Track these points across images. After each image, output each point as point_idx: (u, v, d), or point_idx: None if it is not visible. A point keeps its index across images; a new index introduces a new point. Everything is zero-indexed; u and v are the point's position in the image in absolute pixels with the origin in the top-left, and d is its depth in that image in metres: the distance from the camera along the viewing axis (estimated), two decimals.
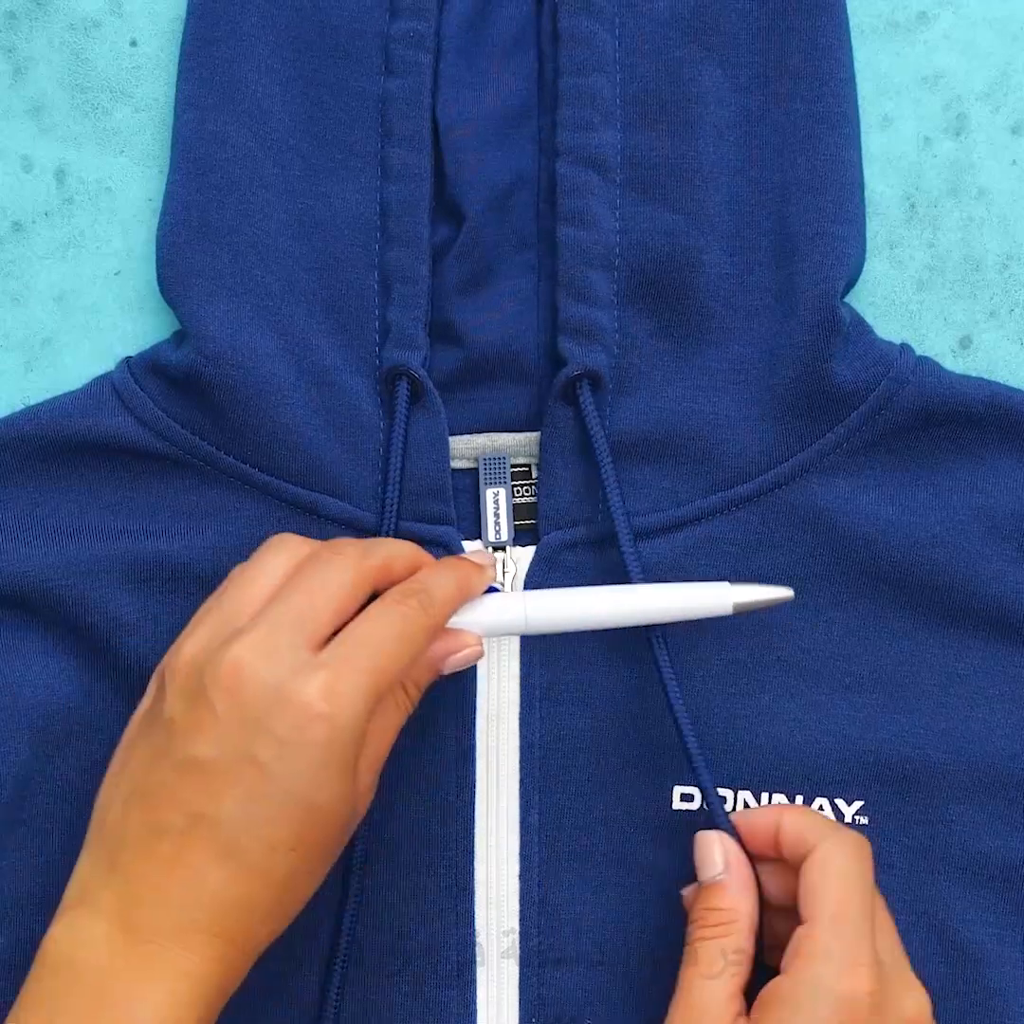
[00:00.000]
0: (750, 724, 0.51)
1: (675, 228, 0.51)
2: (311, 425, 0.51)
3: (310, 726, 0.40)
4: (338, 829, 0.43)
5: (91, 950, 0.41)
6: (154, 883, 0.41)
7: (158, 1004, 0.40)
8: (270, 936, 0.43)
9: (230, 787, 0.41)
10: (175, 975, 0.41)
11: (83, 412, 0.52)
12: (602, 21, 0.52)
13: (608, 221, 0.51)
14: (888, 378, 0.51)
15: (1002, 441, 0.51)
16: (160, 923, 0.41)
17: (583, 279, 0.51)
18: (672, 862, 0.50)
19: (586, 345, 0.51)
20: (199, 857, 0.41)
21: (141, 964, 0.41)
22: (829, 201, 0.51)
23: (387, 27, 0.53)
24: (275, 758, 0.40)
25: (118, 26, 0.56)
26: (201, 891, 0.41)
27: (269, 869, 0.41)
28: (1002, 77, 0.56)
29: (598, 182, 0.51)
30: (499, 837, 0.51)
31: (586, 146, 0.51)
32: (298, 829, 0.41)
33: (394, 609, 0.43)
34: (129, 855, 0.42)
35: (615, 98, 0.52)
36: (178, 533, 0.52)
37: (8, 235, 0.56)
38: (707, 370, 0.52)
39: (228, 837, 0.41)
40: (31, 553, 0.51)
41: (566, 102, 0.52)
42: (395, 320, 0.51)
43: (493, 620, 0.48)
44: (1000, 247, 0.55)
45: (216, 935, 0.41)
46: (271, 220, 0.51)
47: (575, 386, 0.51)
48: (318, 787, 0.41)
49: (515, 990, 0.50)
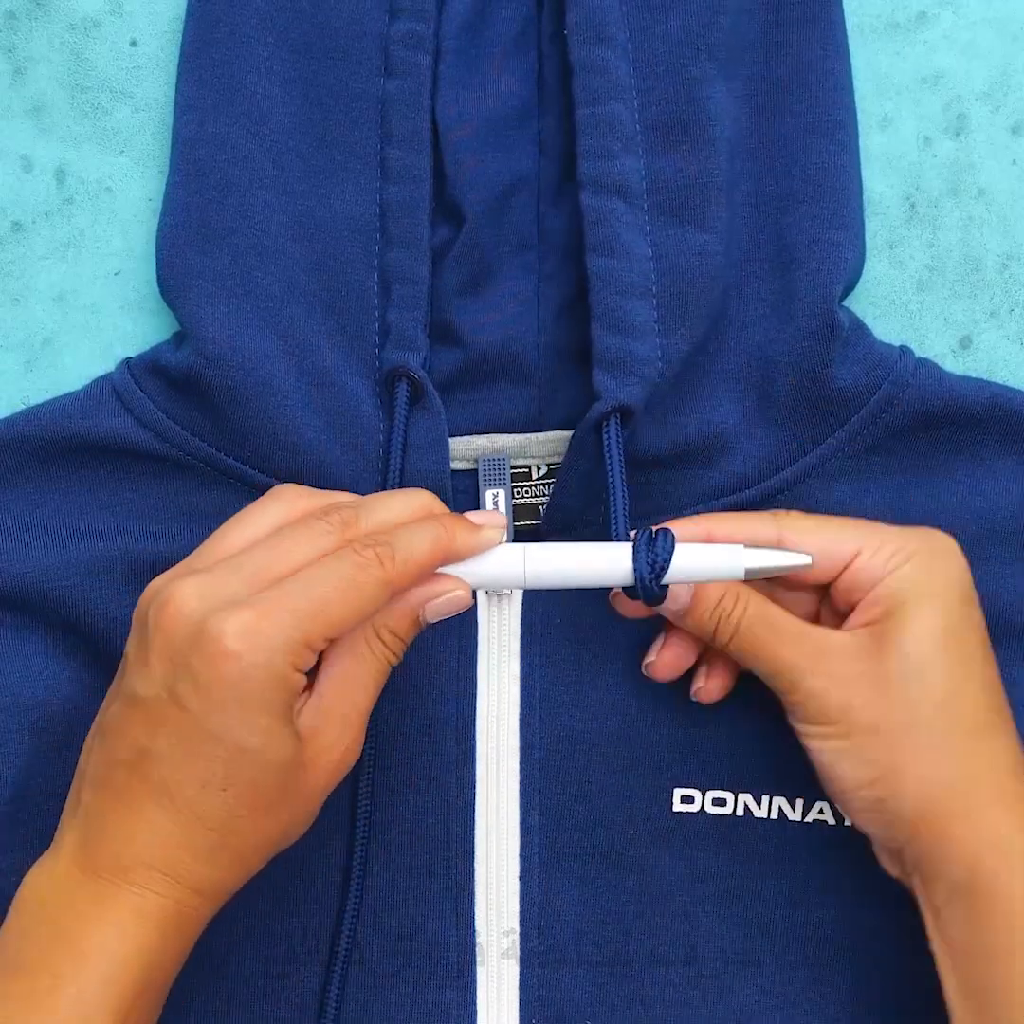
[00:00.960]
0: (750, 727, 0.51)
1: (706, 248, 0.50)
2: (311, 426, 0.51)
3: (222, 663, 0.40)
4: (276, 774, 0.41)
5: (51, 888, 0.42)
6: (106, 819, 0.42)
7: (107, 939, 0.41)
8: (227, 884, 0.43)
9: (161, 724, 0.41)
10: (125, 911, 0.41)
11: (83, 413, 0.52)
12: (614, 48, 0.51)
13: (640, 248, 0.50)
14: (888, 382, 0.51)
15: (1002, 443, 0.51)
16: (110, 860, 0.41)
17: (618, 309, 0.49)
18: (672, 863, 0.50)
19: (621, 379, 0.49)
20: (142, 793, 0.41)
21: (92, 900, 0.41)
22: (824, 208, 0.51)
23: (386, 28, 0.53)
24: (192, 694, 0.40)
25: (118, 26, 0.56)
26: (144, 829, 0.41)
27: (203, 809, 0.41)
28: (1002, 77, 0.56)
29: (625, 209, 0.50)
30: (499, 838, 0.51)
31: (609, 174, 0.50)
32: (225, 768, 0.41)
33: (346, 557, 0.42)
34: (89, 792, 0.42)
35: (634, 124, 0.51)
36: (178, 534, 0.52)
37: (8, 235, 0.56)
38: (710, 381, 0.51)
39: (162, 774, 0.41)
40: (31, 554, 0.51)
41: (585, 132, 0.51)
42: (395, 321, 0.51)
43: (488, 571, 0.45)
44: (1000, 247, 0.55)
45: (163, 873, 0.41)
46: (271, 221, 0.51)
47: (604, 418, 0.49)
48: (238, 726, 0.40)
49: (515, 991, 0.50)
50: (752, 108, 0.52)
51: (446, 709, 0.52)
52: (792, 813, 0.51)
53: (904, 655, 0.44)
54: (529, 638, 0.52)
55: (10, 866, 0.50)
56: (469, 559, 0.45)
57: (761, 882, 0.50)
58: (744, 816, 0.51)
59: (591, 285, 0.50)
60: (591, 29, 0.51)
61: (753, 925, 0.50)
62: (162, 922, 0.41)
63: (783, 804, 0.51)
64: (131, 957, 0.41)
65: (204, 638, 0.40)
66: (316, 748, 0.43)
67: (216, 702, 0.40)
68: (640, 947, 0.50)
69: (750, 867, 0.50)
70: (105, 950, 0.41)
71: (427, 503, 0.45)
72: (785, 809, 0.51)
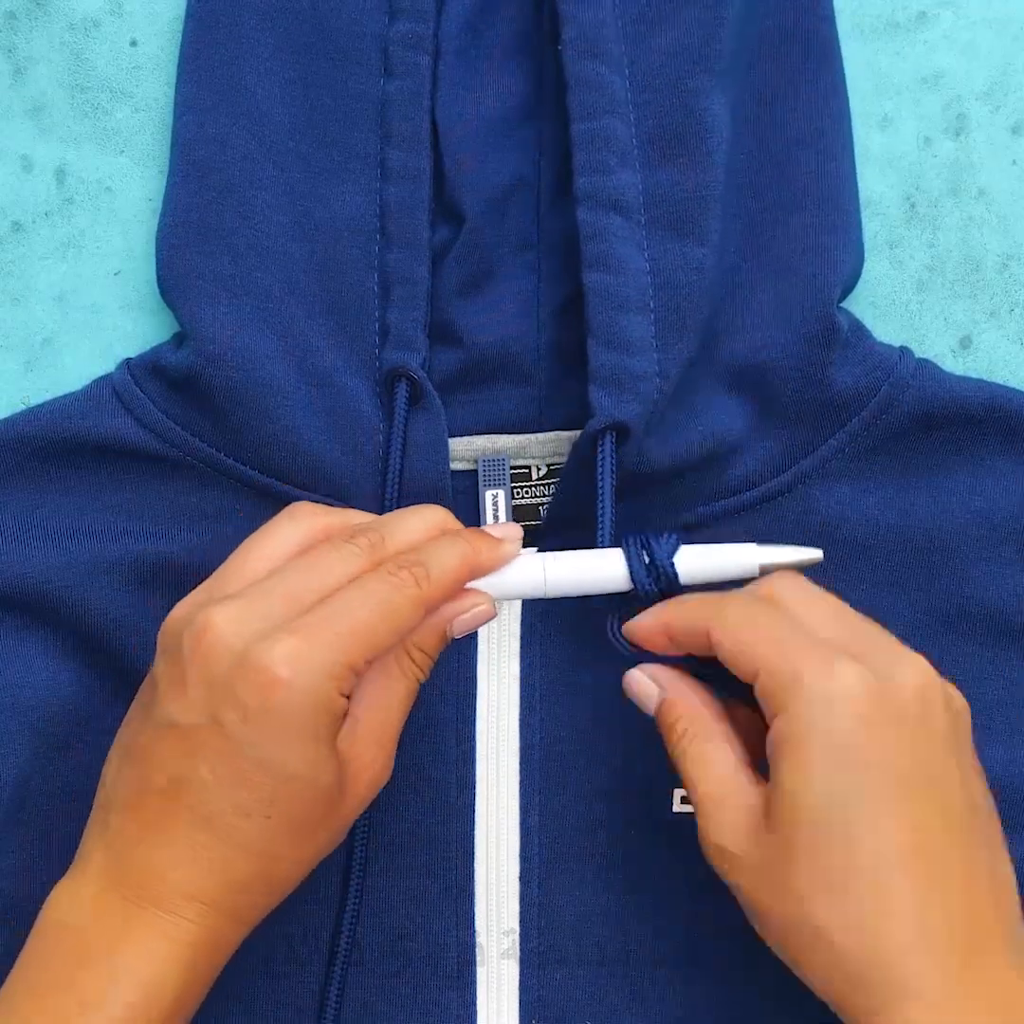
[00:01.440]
0: None
1: (704, 262, 0.50)
2: (310, 427, 0.51)
3: (271, 691, 0.40)
4: (319, 800, 0.42)
5: (78, 911, 0.41)
6: (138, 845, 0.41)
7: (137, 964, 0.40)
8: (260, 909, 0.43)
9: (202, 751, 0.40)
10: (156, 936, 0.41)
11: (83, 413, 0.52)
12: (609, 63, 0.51)
13: (638, 262, 0.50)
14: (888, 383, 0.51)
15: (1001, 443, 0.51)
16: (142, 884, 0.41)
17: (614, 325, 0.49)
18: (672, 864, 0.50)
19: (617, 395, 0.49)
20: (178, 820, 0.41)
21: (122, 925, 0.41)
22: (815, 216, 0.51)
23: (386, 29, 0.52)
24: (239, 722, 0.40)
25: (118, 26, 0.56)
26: (181, 855, 0.41)
27: (245, 836, 0.41)
28: (1002, 77, 0.56)
29: (621, 224, 0.50)
30: (499, 838, 0.51)
31: (605, 189, 0.50)
32: (270, 795, 0.40)
33: (383, 579, 0.42)
34: (118, 816, 0.42)
35: (631, 138, 0.51)
36: (178, 534, 0.52)
37: (8, 235, 0.56)
38: (710, 393, 0.51)
39: (202, 801, 0.40)
40: (31, 555, 0.51)
41: (580, 147, 0.50)
42: (394, 321, 0.51)
43: (510, 582, 0.46)
44: (1000, 247, 0.55)
45: (198, 900, 0.41)
46: (271, 222, 0.51)
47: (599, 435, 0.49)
48: (286, 753, 0.40)
49: (515, 991, 0.50)
50: (743, 120, 0.52)
51: (446, 710, 0.52)
52: None
53: (782, 817, 0.40)
54: (529, 639, 0.52)
55: (10, 867, 0.50)
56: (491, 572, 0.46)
57: None
58: None
59: (587, 301, 0.49)
60: (586, 44, 0.50)
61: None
62: (194, 948, 0.41)
63: None
64: (161, 983, 0.40)
65: (249, 666, 0.40)
66: (353, 771, 0.43)
67: (265, 730, 0.40)
68: (640, 947, 0.50)
69: None
70: (135, 975, 0.40)
71: (442, 520, 0.46)
72: None
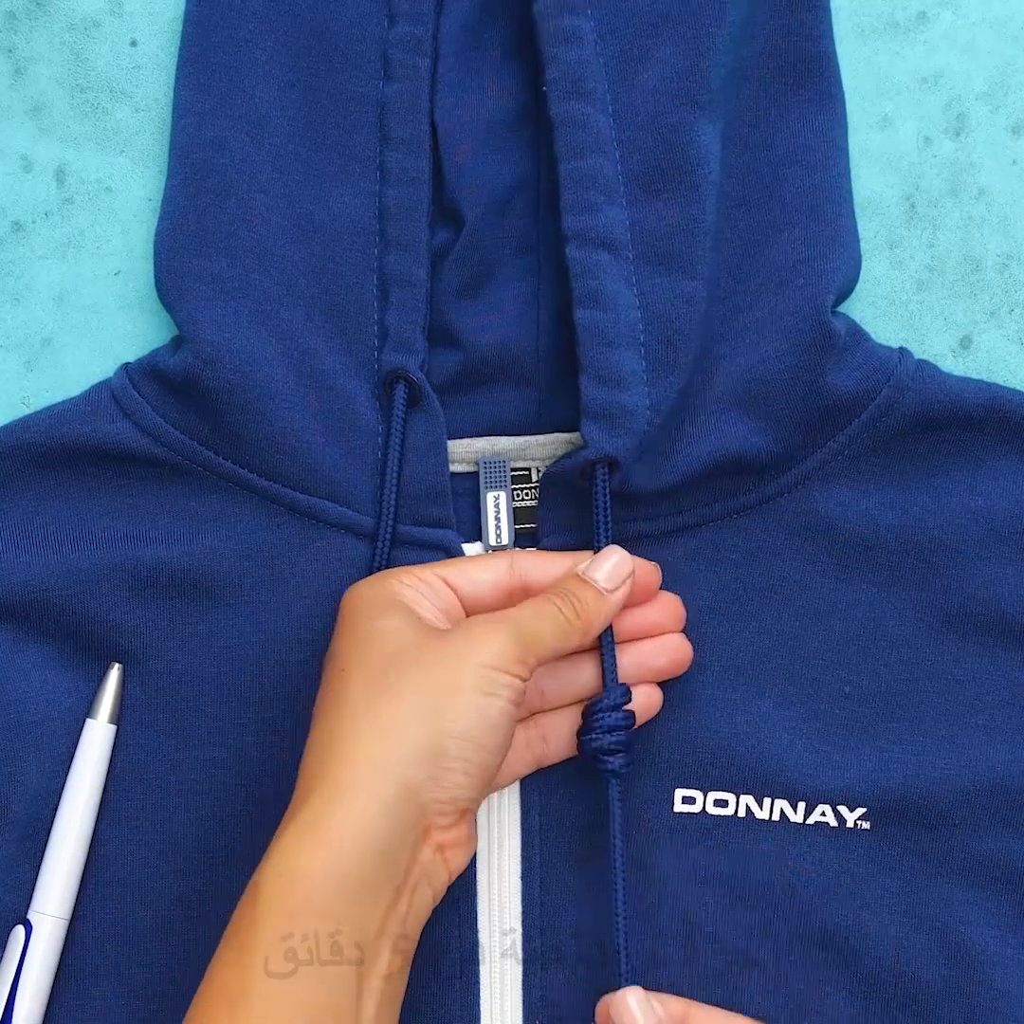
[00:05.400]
0: (751, 730, 0.51)
1: (694, 294, 0.50)
2: (309, 429, 0.51)
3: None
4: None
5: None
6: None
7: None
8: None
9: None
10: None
11: (82, 419, 0.51)
12: (593, 102, 0.51)
13: (627, 298, 0.50)
14: (888, 386, 0.51)
15: (1001, 444, 0.51)
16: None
17: (605, 361, 0.49)
18: (673, 864, 0.51)
19: (608, 430, 0.49)
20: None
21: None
22: (805, 230, 0.51)
23: (385, 32, 0.52)
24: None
25: (118, 26, 0.56)
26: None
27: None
28: (1002, 77, 0.55)
29: (610, 261, 0.50)
30: (500, 838, 0.51)
31: (593, 228, 0.50)
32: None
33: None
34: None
35: (616, 175, 0.51)
36: (178, 539, 0.52)
37: (8, 235, 0.56)
38: (708, 415, 0.51)
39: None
40: (31, 561, 0.51)
41: (567, 187, 0.50)
42: (393, 324, 0.51)
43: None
44: (1000, 247, 0.55)
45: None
46: (269, 224, 0.51)
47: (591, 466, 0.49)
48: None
49: (518, 990, 0.50)
50: (732, 144, 0.52)
51: None
52: (794, 815, 0.51)
53: None
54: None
55: (15, 881, 0.50)
56: None
57: (762, 883, 0.50)
58: (745, 817, 0.51)
59: (579, 338, 0.49)
60: (570, 84, 0.50)
61: (754, 926, 0.50)
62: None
63: (785, 806, 0.51)
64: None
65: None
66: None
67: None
68: (640, 947, 0.51)
69: (751, 868, 0.50)
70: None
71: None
72: (787, 811, 0.51)
